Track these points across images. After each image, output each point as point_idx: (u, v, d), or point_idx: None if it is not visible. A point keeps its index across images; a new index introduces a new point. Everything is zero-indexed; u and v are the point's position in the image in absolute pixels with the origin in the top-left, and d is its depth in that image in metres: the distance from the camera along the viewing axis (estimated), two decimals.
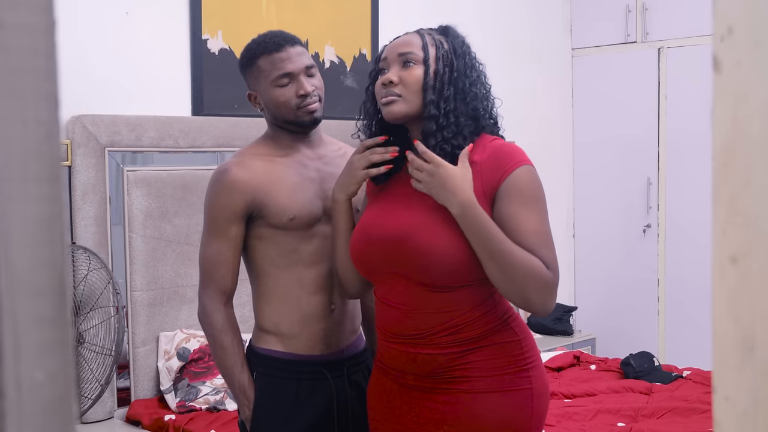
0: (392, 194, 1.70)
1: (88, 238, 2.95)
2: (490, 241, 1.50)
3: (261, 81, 1.84)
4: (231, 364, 1.82)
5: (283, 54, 1.82)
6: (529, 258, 1.50)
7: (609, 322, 4.96)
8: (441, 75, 1.62)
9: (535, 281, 1.50)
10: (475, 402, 1.59)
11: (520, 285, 1.51)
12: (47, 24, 0.44)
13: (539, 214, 1.56)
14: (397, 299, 1.63)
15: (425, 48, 1.63)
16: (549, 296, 1.53)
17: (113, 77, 3.13)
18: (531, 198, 1.56)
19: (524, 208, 1.55)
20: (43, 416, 0.44)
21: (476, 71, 1.67)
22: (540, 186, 1.60)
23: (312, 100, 1.82)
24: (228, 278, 1.83)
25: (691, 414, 3.06)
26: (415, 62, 1.63)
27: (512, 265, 1.49)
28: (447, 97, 1.60)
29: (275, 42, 1.83)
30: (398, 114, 1.63)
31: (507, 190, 1.56)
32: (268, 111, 1.87)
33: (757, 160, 0.52)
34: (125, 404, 3.10)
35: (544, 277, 1.51)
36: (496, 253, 1.49)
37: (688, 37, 4.62)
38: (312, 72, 1.85)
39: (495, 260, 1.50)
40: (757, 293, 0.52)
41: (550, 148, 4.95)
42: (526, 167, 1.58)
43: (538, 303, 1.52)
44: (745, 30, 0.52)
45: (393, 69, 1.64)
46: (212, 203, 1.83)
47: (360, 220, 1.73)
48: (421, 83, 1.61)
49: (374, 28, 4.01)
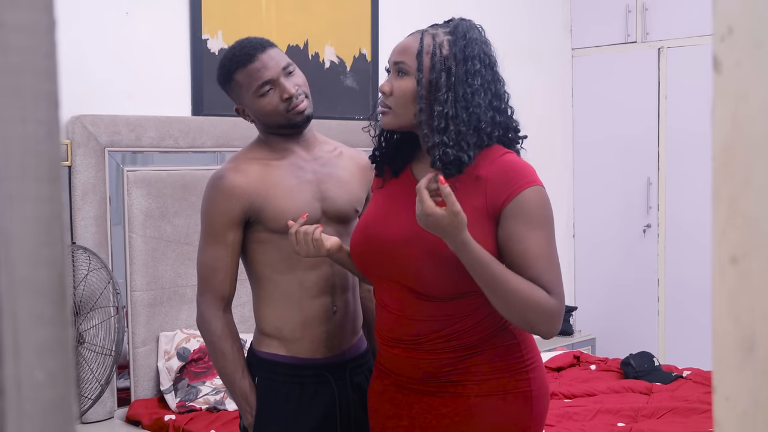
0: (393, 193, 1.68)
1: (88, 238, 2.95)
2: (490, 277, 1.46)
3: (243, 95, 1.82)
4: (231, 370, 1.81)
5: (257, 63, 1.78)
6: (531, 290, 1.47)
7: (609, 322, 4.96)
8: (435, 84, 1.55)
9: (539, 313, 1.48)
10: (474, 404, 1.58)
11: (523, 316, 1.49)
12: (47, 24, 0.44)
13: (546, 237, 1.52)
14: (392, 303, 1.62)
15: (419, 56, 1.56)
16: (554, 324, 1.51)
17: (113, 77, 3.13)
18: (538, 220, 1.52)
19: (530, 230, 1.50)
20: (43, 416, 0.44)
21: (481, 78, 1.56)
22: (548, 208, 1.55)
23: (299, 100, 1.80)
24: (226, 284, 1.82)
25: (691, 414, 3.06)
26: (407, 72, 1.58)
27: (515, 299, 1.47)
28: (444, 101, 1.53)
29: (245, 53, 1.79)
30: (389, 126, 1.62)
31: (514, 210, 1.51)
32: (258, 121, 1.85)
33: (757, 160, 0.52)
34: (125, 404, 3.10)
35: (548, 307, 1.48)
36: (498, 288, 1.46)
37: (688, 37, 4.62)
38: (290, 70, 1.81)
39: (497, 295, 1.47)
40: (757, 293, 0.52)
41: (550, 148, 4.95)
42: (535, 188, 1.53)
43: (544, 331, 1.51)
44: (745, 30, 0.52)
45: (389, 77, 1.62)
46: (209, 209, 1.81)
47: (361, 218, 1.72)
48: (410, 95, 1.57)
49: (374, 28, 4.01)
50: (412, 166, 1.69)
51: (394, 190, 1.68)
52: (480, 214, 1.52)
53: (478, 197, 1.53)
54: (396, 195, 1.66)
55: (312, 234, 1.68)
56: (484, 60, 1.59)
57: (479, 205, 1.52)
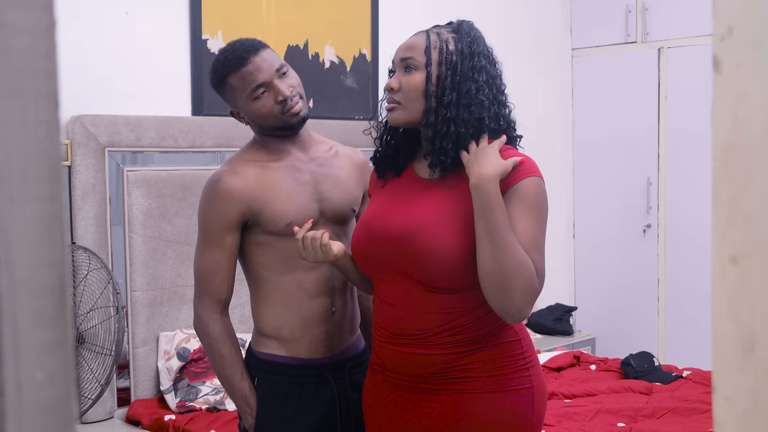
0: (396, 190, 1.69)
1: (88, 238, 2.95)
2: (495, 223, 1.47)
3: (237, 98, 1.81)
4: (230, 373, 1.80)
5: (250, 66, 1.77)
6: (525, 256, 1.49)
7: (609, 322, 4.96)
8: (443, 80, 1.59)
9: (524, 279, 1.47)
10: (475, 402, 1.58)
11: (507, 277, 1.46)
12: (47, 24, 0.44)
13: (538, 223, 1.55)
14: (397, 298, 1.62)
15: (428, 51, 1.60)
16: (530, 300, 1.49)
17: (113, 77, 3.13)
18: (533, 206, 1.55)
19: (525, 213, 1.54)
20: (43, 416, 0.44)
21: (486, 74, 1.61)
22: (545, 199, 1.58)
23: (294, 102, 1.79)
24: (223, 287, 1.82)
25: (691, 414, 3.06)
26: (416, 68, 1.60)
27: (507, 256, 1.46)
28: (448, 103, 1.57)
29: (238, 56, 1.78)
30: (398, 122, 1.63)
31: (512, 194, 1.54)
32: (253, 123, 1.85)
33: (757, 160, 0.52)
34: (125, 404, 3.10)
35: (533, 278, 1.48)
36: (496, 236, 1.47)
37: (688, 37, 4.62)
38: (284, 71, 1.80)
39: (493, 244, 1.47)
40: (757, 293, 0.52)
41: (550, 148, 4.95)
42: (535, 178, 1.57)
43: (518, 302, 1.47)
44: (745, 30, 0.52)
45: (396, 74, 1.63)
46: (206, 212, 1.80)
47: (363, 215, 1.72)
48: (420, 90, 1.59)
49: (374, 28, 4.01)
50: (413, 164, 1.71)
51: (397, 188, 1.70)
52: None
53: None
54: (399, 191, 1.68)
55: (320, 239, 1.68)
56: (488, 56, 1.64)
57: None
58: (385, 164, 1.73)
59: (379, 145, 1.73)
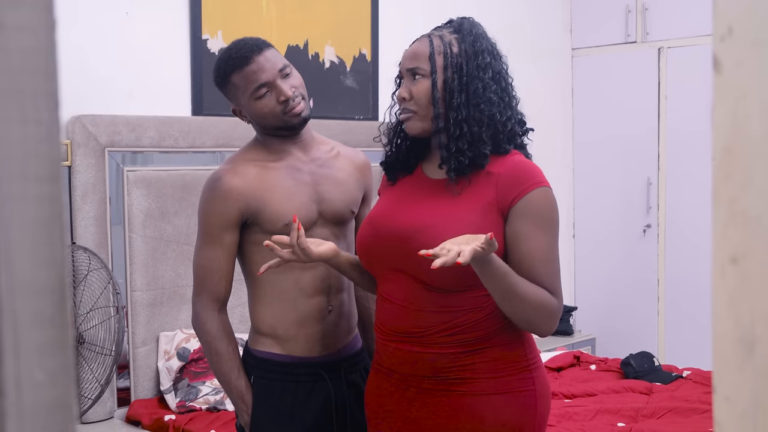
0: (403, 189, 1.70)
1: (88, 238, 2.95)
2: (502, 286, 1.50)
3: (239, 97, 1.81)
4: (227, 370, 1.81)
5: (253, 66, 1.77)
6: (537, 292, 1.52)
7: (609, 322, 4.96)
8: (450, 83, 1.59)
9: (544, 314, 1.54)
10: (478, 404, 1.58)
11: (529, 317, 1.54)
12: (47, 24, 0.44)
13: (549, 236, 1.57)
14: (398, 296, 1.62)
15: (432, 58, 1.60)
16: (554, 324, 1.57)
17: (113, 77, 3.13)
18: (542, 219, 1.56)
19: (538, 231, 1.55)
20: (43, 416, 0.44)
21: (492, 71, 1.61)
22: (555, 210, 1.59)
23: (296, 102, 1.79)
24: (222, 285, 1.82)
25: (691, 414, 3.06)
26: (422, 75, 1.61)
27: (522, 304, 1.51)
28: (458, 105, 1.58)
29: (241, 55, 1.78)
30: (417, 131, 1.64)
31: (523, 208, 1.55)
32: (255, 123, 1.85)
33: (757, 160, 0.52)
34: (125, 404, 3.10)
35: (552, 308, 1.55)
36: (507, 295, 1.50)
37: (688, 37, 4.62)
38: (287, 72, 1.80)
39: (506, 301, 1.52)
40: (757, 293, 0.52)
41: (550, 148, 4.94)
42: (544, 189, 1.57)
43: (544, 329, 1.57)
44: (745, 30, 0.52)
45: (405, 83, 1.64)
46: (206, 211, 1.81)
47: (370, 213, 1.74)
48: (429, 97, 1.60)
49: (374, 28, 4.01)
50: (423, 165, 1.72)
51: (405, 187, 1.71)
52: (491, 207, 1.56)
53: (489, 191, 1.57)
54: (406, 191, 1.69)
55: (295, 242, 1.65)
56: (492, 52, 1.64)
57: (490, 198, 1.57)
58: (396, 169, 1.74)
59: (390, 150, 1.74)
